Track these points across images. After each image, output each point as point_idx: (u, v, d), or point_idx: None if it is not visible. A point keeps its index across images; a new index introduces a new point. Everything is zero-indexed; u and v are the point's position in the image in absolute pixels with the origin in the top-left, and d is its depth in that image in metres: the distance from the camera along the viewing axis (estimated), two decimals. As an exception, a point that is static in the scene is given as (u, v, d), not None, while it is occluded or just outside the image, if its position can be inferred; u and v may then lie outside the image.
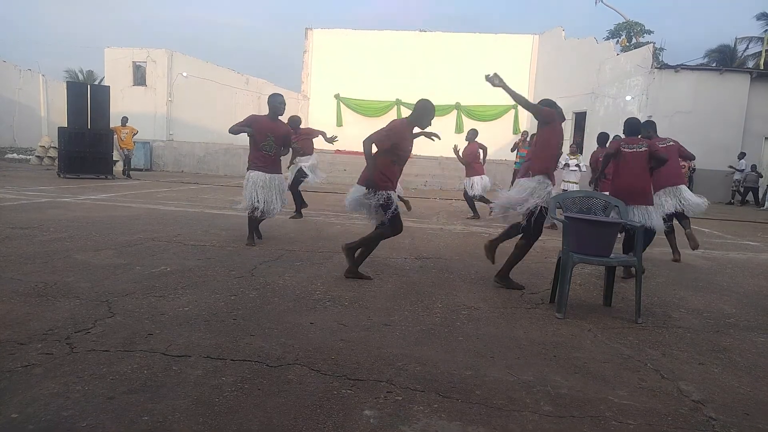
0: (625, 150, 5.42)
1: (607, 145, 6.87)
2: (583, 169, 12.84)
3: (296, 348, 2.95)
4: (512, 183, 13.34)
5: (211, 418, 2.14)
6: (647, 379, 2.80)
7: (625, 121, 5.69)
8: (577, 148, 12.81)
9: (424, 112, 4.62)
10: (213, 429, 2.07)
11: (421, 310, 3.83)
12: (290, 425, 2.12)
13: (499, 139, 21.86)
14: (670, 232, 6.31)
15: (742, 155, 17.23)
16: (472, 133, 9.87)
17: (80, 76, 37.30)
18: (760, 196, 17.36)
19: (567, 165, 12.15)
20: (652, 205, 5.44)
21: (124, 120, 15.65)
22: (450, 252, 6.25)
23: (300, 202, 8.66)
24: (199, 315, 3.42)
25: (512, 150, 13.10)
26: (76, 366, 2.55)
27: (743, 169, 17.27)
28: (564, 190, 9.94)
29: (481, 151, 9.88)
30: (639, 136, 5.59)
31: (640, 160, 5.34)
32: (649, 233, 5.34)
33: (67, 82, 19.21)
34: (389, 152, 4.55)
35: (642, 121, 5.96)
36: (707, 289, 5.06)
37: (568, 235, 3.94)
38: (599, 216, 4.19)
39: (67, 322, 3.14)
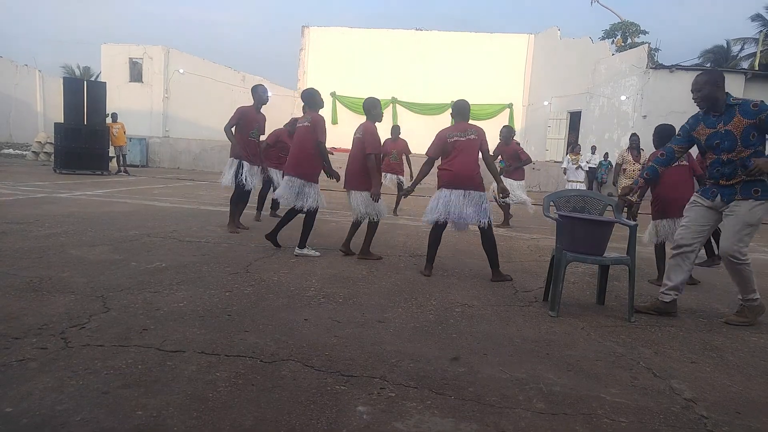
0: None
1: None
2: (586, 168, 12.96)
3: (290, 344, 2.96)
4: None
5: (205, 413, 2.15)
6: (639, 378, 2.82)
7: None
8: (576, 148, 12.90)
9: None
10: (207, 424, 2.07)
11: (414, 307, 3.84)
12: (284, 421, 2.13)
13: (494, 138, 21.87)
14: None
15: (593, 149, 16.08)
16: None
17: (77, 72, 37.10)
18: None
19: (579, 167, 12.28)
20: None
21: (114, 116, 15.54)
22: (444, 250, 6.25)
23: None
24: (194, 311, 3.43)
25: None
26: (70, 360, 2.55)
27: (594, 166, 15.57)
28: None
29: None
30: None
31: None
32: None
33: (64, 77, 19.11)
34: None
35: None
36: (700, 289, 5.09)
37: (561, 233, 3.96)
38: (593, 215, 4.21)
39: (62, 317, 3.14)
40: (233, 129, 6.42)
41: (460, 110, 5.04)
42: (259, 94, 6.63)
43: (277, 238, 5.65)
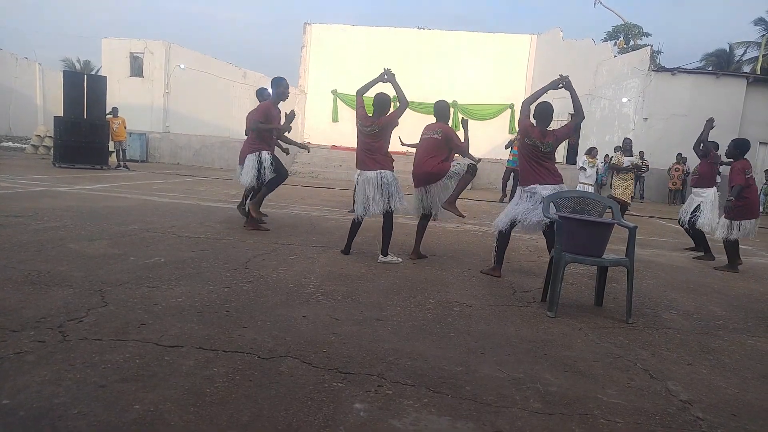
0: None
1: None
2: (601, 171, 12.93)
3: (288, 341, 2.96)
4: (504, 181, 13.44)
5: (202, 408, 2.15)
6: (636, 379, 2.82)
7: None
8: (593, 151, 12.84)
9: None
10: (204, 419, 2.08)
11: (413, 306, 3.85)
12: (281, 417, 2.14)
13: (495, 138, 21.92)
14: None
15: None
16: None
17: (77, 66, 37.08)
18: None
19: (584, 168, 12.25)
20: None
21: (115, 111, 15.51)
22: (443, 249, 6.27)
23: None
24: (192, 306, 3.43)
25: (506, 147, 13.10)
26: (68, 354, 2.55)
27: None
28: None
29: None
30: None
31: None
32: None
33: (64, 71, 19.06)
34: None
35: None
36: (698, 291, 5.10)
37: (561, 234, 3.97)
38: (592, 216, 4.21)
39: (60, 311, 3.14)
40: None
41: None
42: (282, 89, 6.36)
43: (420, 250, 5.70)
